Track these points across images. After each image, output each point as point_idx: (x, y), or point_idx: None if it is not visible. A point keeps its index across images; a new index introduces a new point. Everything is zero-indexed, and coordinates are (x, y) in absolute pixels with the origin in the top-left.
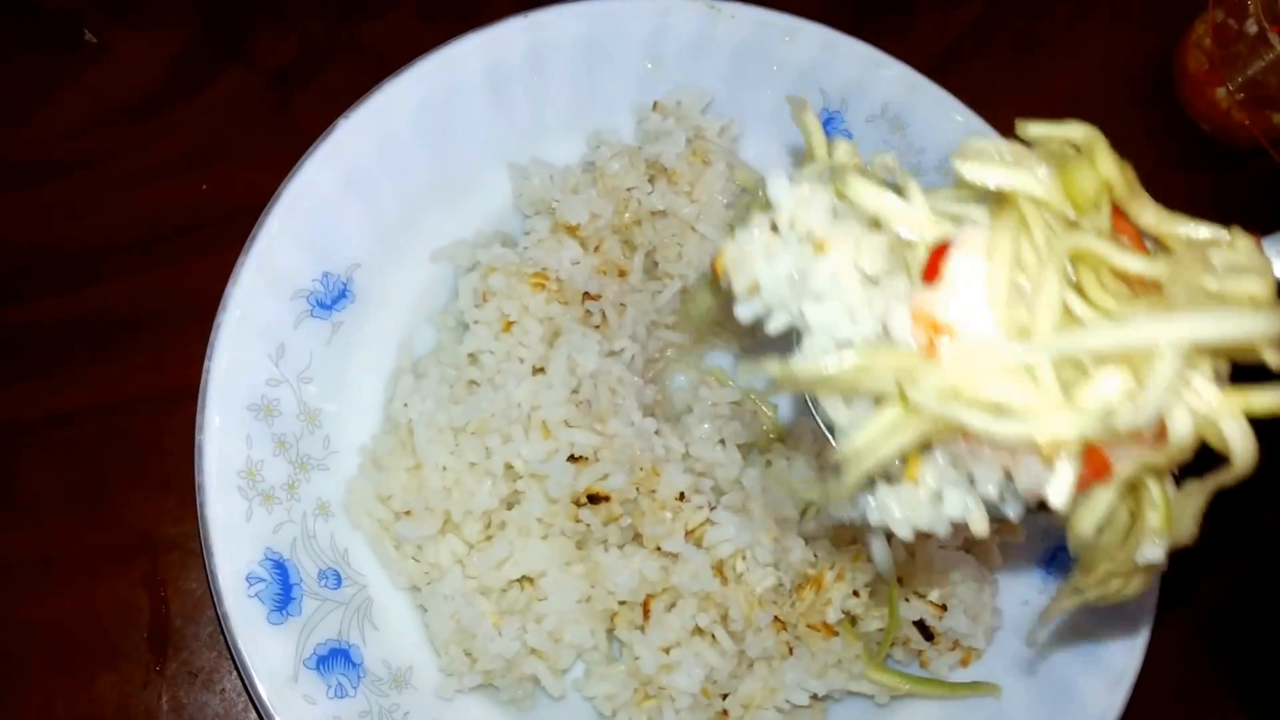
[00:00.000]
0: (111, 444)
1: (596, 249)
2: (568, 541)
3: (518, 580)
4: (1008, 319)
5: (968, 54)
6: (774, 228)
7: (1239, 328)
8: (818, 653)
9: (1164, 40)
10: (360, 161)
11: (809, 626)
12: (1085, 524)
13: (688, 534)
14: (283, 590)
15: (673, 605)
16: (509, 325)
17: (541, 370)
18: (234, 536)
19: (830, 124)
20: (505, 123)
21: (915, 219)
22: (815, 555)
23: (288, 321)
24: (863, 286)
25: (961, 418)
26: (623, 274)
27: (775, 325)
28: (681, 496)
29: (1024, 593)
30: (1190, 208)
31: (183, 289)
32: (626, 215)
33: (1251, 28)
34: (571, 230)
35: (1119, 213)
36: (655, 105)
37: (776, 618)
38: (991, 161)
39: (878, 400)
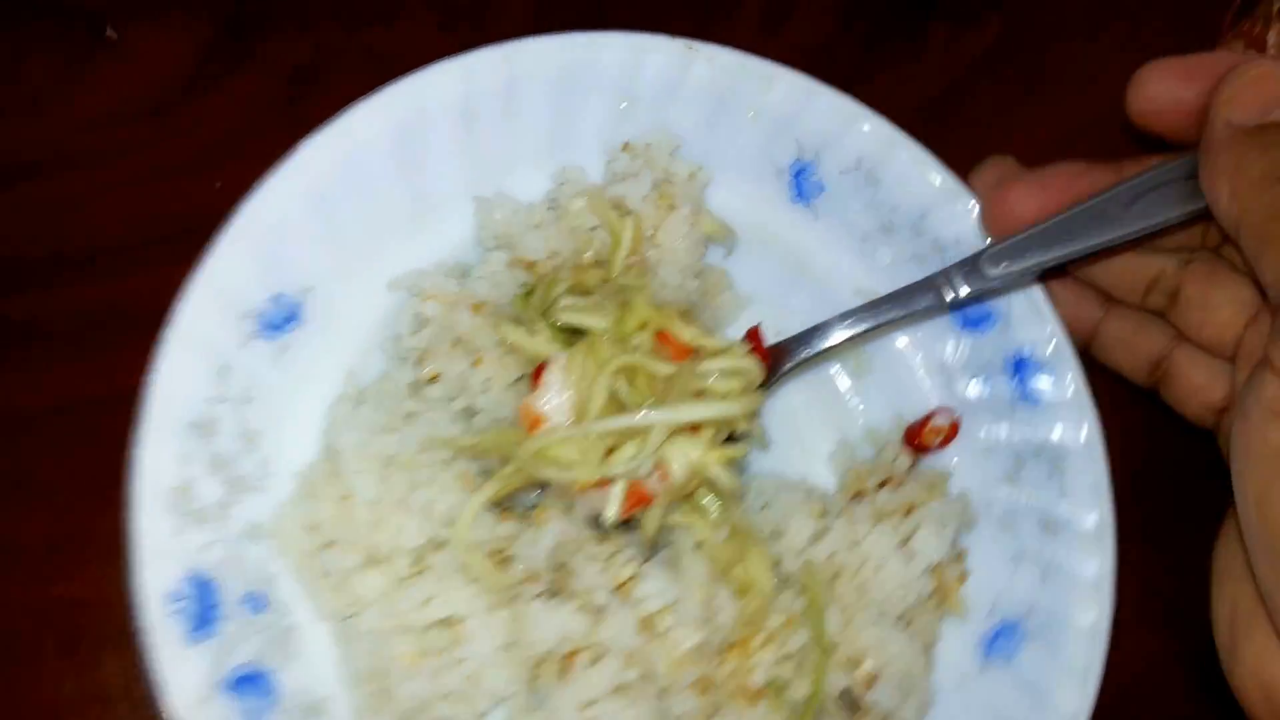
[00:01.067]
0: (125, 433)
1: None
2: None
3: (441, 621)
4: (577, 409)
5: (981, 78)
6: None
7: (703, 413)
8: (741, 718)
9: None
10: (323, 183)
11: (733, 691)
12: (648, 528)
13: (616, 588)
14: (204, 610)
15: (597, 660)
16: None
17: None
18: (159, 552)
19: (803, 175)
20: (475, 154)
21: (535, 348)
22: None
23: (233, 341)
24: (504, 390)
25: (539, 470)
26: None
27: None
28: (605, 537)
29: (960, 672)
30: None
31: None
32: (588, 255)
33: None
34: (529, 266)
35: (665, 335)
36: (625, 146)
37: (700, 679)
38: (576, 309)
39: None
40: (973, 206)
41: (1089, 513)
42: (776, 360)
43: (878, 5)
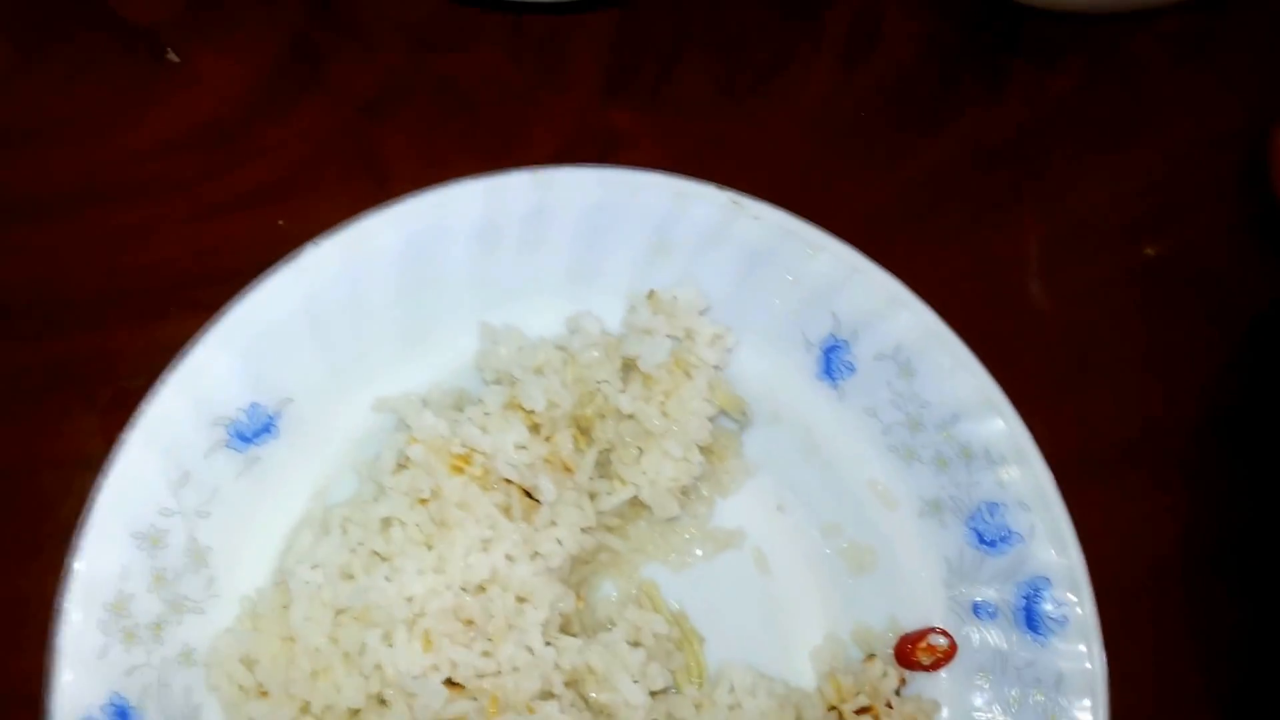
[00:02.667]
0: None
1: (548, 439)
2: None
3: None
4: None
5: (1059, 132)
6: None
7: None
8: None
9: (1255, 129)
10: (326, 292)
11: None
12: None
13: None
14: None
15: None
16: (425, 502)
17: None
18: (82, 675)
19: (834, 352)
20: (491, 279)
21: None
22: None
23: (199, 449)
24: None
25: None
26: (569, 470)
27: None
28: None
29: None
30: None
31: None
32: (589, 409)
33: None
34: (526, 413)
35: None
36: (651, 295)
37: None
38: None
39: None
40: (1010, 418)
41: None
42: None
43: (959, 39)
